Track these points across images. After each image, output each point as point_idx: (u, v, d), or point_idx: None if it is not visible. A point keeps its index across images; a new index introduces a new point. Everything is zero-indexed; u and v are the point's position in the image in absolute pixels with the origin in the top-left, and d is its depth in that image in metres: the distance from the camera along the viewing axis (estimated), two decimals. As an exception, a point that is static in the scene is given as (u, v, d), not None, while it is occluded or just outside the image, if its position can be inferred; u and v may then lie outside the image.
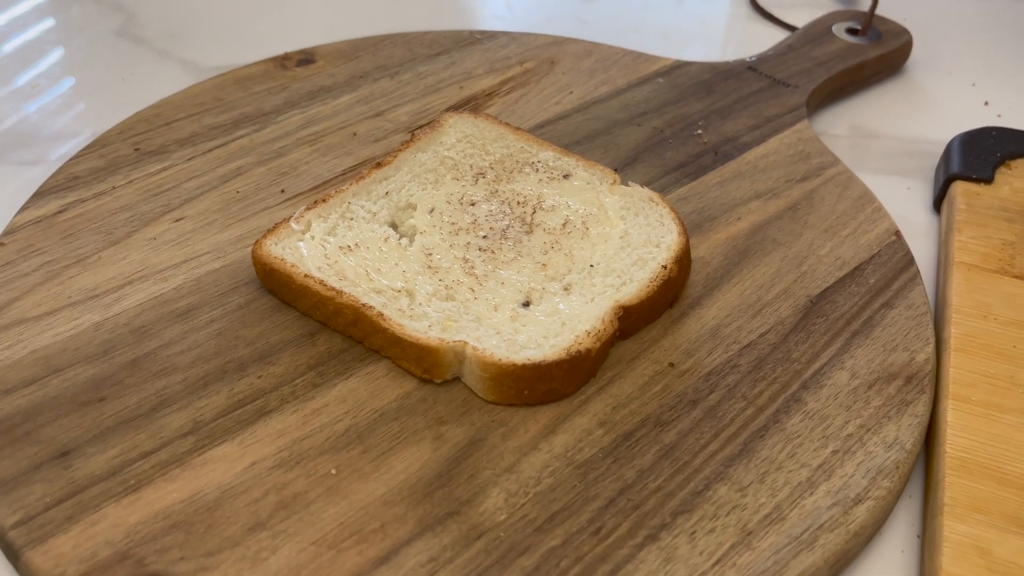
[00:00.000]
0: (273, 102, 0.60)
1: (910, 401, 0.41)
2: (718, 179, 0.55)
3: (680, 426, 0.40)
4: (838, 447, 0.39)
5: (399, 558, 0.35)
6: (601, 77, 0.64)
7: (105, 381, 0.41)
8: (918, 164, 0.60)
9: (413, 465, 0.38)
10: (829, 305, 0.46)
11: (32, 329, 0.43)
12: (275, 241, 0.46)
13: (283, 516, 0.36)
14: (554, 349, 0.41)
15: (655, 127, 0.59)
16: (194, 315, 0.44)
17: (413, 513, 0.36)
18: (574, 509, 0.37)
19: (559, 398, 0.41)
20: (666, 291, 0.45)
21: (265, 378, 0.41)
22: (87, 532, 0.35)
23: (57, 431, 0.39)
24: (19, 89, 0.65)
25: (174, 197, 0.52)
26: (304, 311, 0.44)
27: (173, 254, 0.48)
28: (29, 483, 0.36)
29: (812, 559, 0.35)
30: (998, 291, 0.46)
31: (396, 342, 0.41)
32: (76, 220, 0.50)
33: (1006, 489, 0.37)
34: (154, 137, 0.56)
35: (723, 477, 0.38)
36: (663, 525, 0.36)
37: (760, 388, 0.42)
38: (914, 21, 0.74)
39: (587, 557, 0.35)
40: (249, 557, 0.34)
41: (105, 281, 0.46)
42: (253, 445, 0.38)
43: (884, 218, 0.52)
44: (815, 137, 0.58)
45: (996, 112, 0.66)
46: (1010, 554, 0.35)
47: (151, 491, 0.36)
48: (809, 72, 0.64)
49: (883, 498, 0.37)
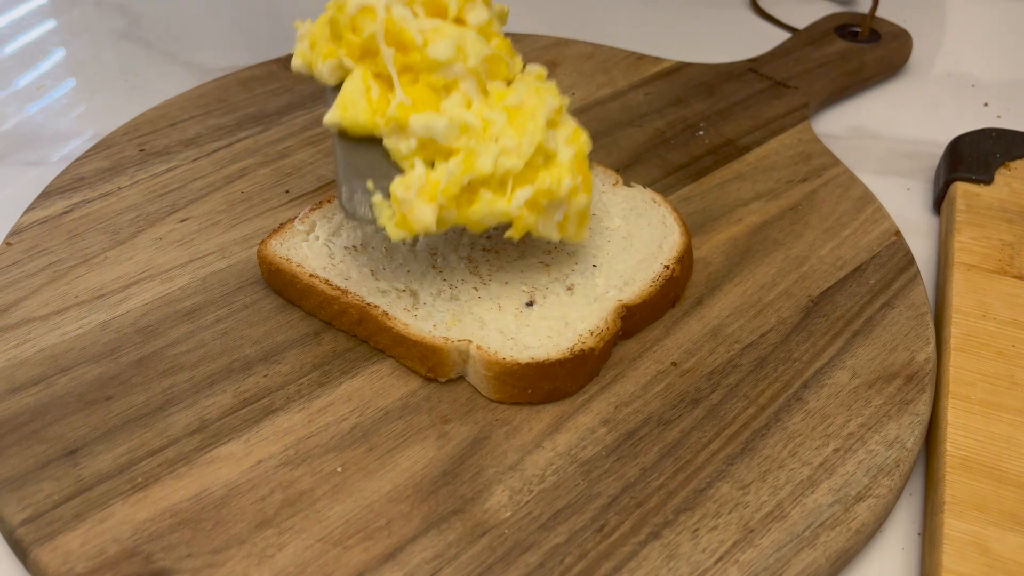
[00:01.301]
0: (277, 103, 0.60)
1: (910, 400, 0.41)
2: (719, 180, 0.55)
3: (682, 425, 0.40)
4: (839, 445, 0.39)
5: (404, 555, 0.35)
6: (603, 78, 0.64)
7: (112, 380, 0.41)
8: (918, 165, 0.60)
9: (418, 463, 0.38)
10: (830, 305, 0.46)
11: (39, 328, 0.43)
12: (280, 241, 0.46)
13: (289, 513, 0.36)
14: (557, 348, 0.41)
15: (657, 128, 0.59)
16: (200, 315, 0.44)
17: (418, 510, 0.37)
18: (578, 507, 0.37)
19: (562, 397, 0.41)
20: (668, 291, 0.45)
21: (271, 377, 0.42)
22: (95, 529, 0.35)
23: (64, 429, 0.39)
24: (22, 90, 0.66)
25: (179, 197, 0.52)
26: (309, 310, 0.45)
27: (179, 254, 0.48)
28: (37, 481, 0.37)
29: (813, 556, 0.35)
30: (998, 291, 0.47)
31: (401, 341, 0.42)
32: (82, 220, 0.50)
33: (1006, 487, 0.37)
34: (159, 138, 0.57)
35: (725, 475, 0.38)
36: (666, 522, 0.36)
37: (762, 387, 0.42)
38: (914, 22, 0.75)
39: (591, 554, 0.35)
40: (256, 554, 0.35)
41: (111, 281, 0.46)
42: (259, 443, 0.39)
43: (884, 219, 0.52)
44: (816, 138, 0.59)
45: (996, 113, 0.66)
46: (1010, 551, 0.35)
47: (158, 489, 0.37)
48: (810, 73, 0.65)
49: (884, 496, 0.37)
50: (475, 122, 0.40)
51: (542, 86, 0.43)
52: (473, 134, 0.40)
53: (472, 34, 0.42)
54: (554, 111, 0.42)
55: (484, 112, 0.41)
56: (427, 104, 0.40)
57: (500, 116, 0.41)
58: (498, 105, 0.41)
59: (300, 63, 0.44)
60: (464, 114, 0.40)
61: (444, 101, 0.41)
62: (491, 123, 0.41)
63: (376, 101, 0.40)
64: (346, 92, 0.41)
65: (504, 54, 0.43)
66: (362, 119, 0.40)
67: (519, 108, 0.42)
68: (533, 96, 0.42)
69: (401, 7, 0.41)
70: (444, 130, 0.39)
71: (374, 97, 0.40)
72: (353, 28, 0.41)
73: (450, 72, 0.41)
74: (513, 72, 0.44)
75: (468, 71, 0.41)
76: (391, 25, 0.40)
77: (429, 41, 0.40)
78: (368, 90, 0.40)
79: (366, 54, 0.41)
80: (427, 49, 0.40)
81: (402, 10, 0.41)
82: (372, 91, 0.40)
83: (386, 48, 0.40)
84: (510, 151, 0.40)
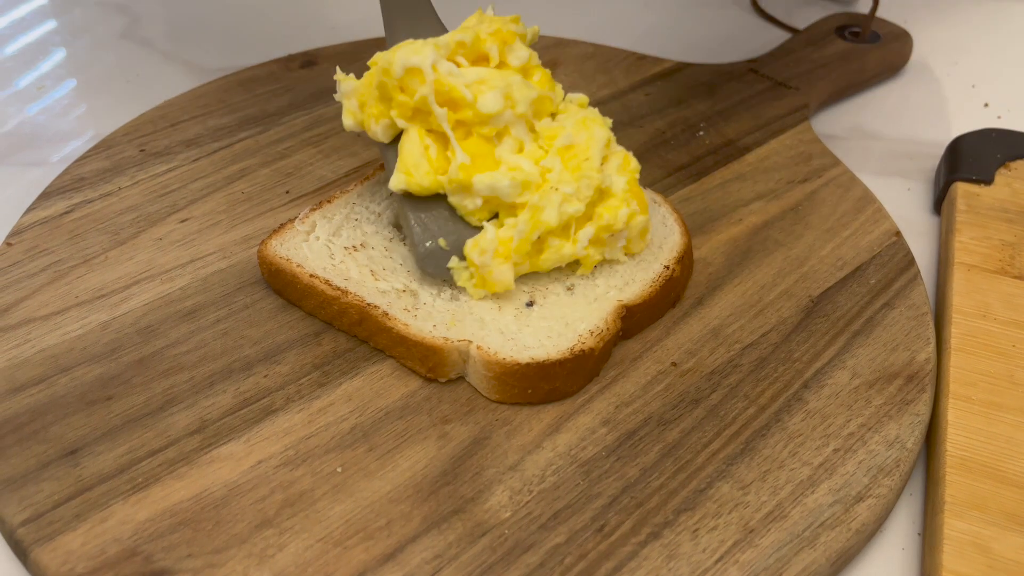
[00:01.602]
0: (277, 103, 0.60)
1: (911, 400, 0.41)
2: (720, 180, 0.55)
3: (683, 425, 0.40)
4: (839, 446, 0.39)
5: (404, 555, 0.35)
6: (603, 79, 0.64)
7: (112, 380, 0.41)
8: (919, 165, 0.60)
9: (418, 463, 0.38)
10: (830, 305, 0.46)
11: (40, 329, 0.43)
12: (280, 241, 0.46)
13: (289, 514, 0.36)
14: (557, 349, 0.41)
15: (657, 128, 0.59)
16: (200, 315, 0.44)
17: (418, 511, 0.37)
18: (578, 507, 0.37)
19: (563, 397, 0.41)
20: (668, 291, 0.45)
21: (271, 377, 0.42)
22: (95, 530, 0.35)
23: (65, 430, 0.39)
24: (22, 91, 0.66)
25: (180, 198, 0.52)
26: (309, 311, 0.45)
27: (179, 254, 0.48)
28: (37, 481, 0.37)
29: (813, 556, 0.35)
30: (998, 291, 0.47)
31: (401, 341, 0.42)
32: (83, 221, 0.50)
33: (1006, 487, 0.37)
34: (159, 138, 0.57)
35: (725, 475, 0.38)
36: (666, 523, 0.36)
37: (762, 387, 0.42)
38: (914, 23, 0.75)
39: (591, 554, 0.35)
40: (256, 554, 0.35)
41: (112, 281, 0.46)
42: (259, 443, 0.39)
43: (885, 219, 0.52)
44: (816, 138, 0.59)
45: (996, 113, 0.66)
46: (1009, 551, 0.35)
47: (159, 489, 0.37)
48: (810, 74, 0.65)
49: (884, 496, 0.37)
50: (534, 175, 0.42)
51: (587, 115, 0.45)
52: (534, 188, 0.42)
53: (517, 79, 0.43)
54: (604, 145, 0.44)
55: (539, 159, 0.42)
56: (482, 155, 0.42)
57: (555, 161, 0.42)
58: (551, 147, 0.43)
59: (352, 123, 0.45)
60: (523, 168, 0.42)
61: (497, 147, 0.42)
62: (548, 171, 0.42)
63: (435, 160, 0.42)
64: (406, 155, 0.42)
65: (546, 90, 0.44)
66: (426, 181, 0.42)
67: (571, 148, 0.43)
68: (582, 131, 0.43)
69: (445, 63, 0.42)
70: (508, 189, 0.41)
71: (432, 156, 0.42)
72: (402, 88, 0.42)
73: (500, 121, 0.42)
74: (556, 104, 0.45)
75: (517, 116, 0.42)
76: (440, 85, 0.42)
77: (478, 95, 0.42)
78: (426, 148, 0.42)
79: (418, 113, 0.43)
80: (477, 104, 0.41)
81: (447, 66, 0.42)
82: (430, 149, 0.42)
83: (438, 108, 0.42)
84: (570, 197, 0.42)
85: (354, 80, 0.45)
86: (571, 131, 0.43)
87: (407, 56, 0.42)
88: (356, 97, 0.45)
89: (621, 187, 0.44)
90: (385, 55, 0.43)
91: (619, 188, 0.44)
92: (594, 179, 0.42)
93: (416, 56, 0.41)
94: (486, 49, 0.44)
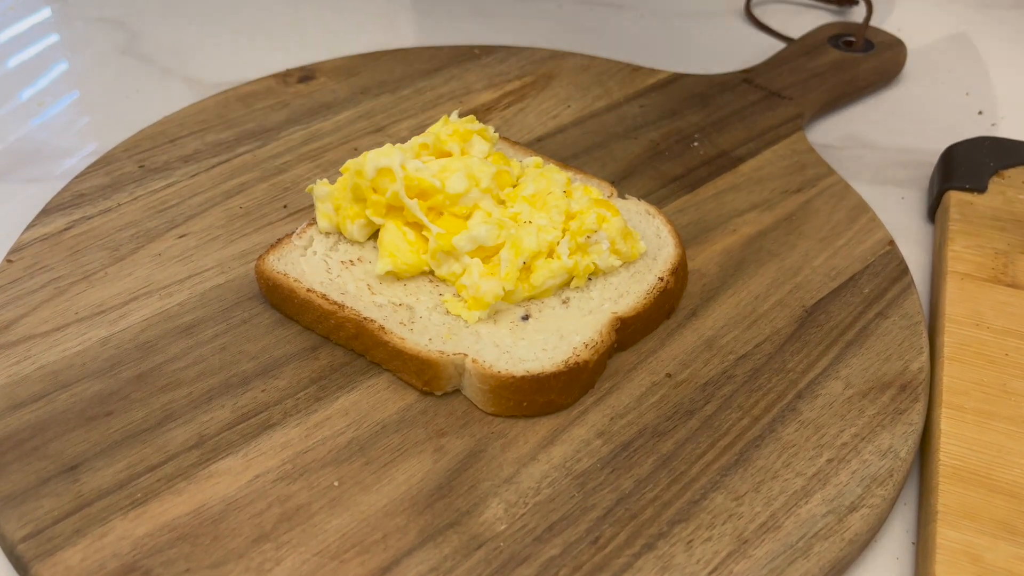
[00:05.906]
0: (275, 118, 0.61)
1: (904, 410, 0.42)
2: (714, 191, 0.55)
3: (677, 436, 0.41)
4: (833, 456, 0.40)
5: (400, 568, 0.35)
6: (598, 90, 0.65)
7: (112, 396, 0.41)
8: (912, 174, 0.61)
9: (414, 476, 0.39)
10: (824, 315, 0.47)
11: (40, 345, 0.44)
12: (278, 256, 0.46)
13: (287, 528, 0.37)
14: (552, 361, 0.41)
15: (651, 140, 0.60)
16: (198, 330, 0.45)
17: (414, 524, 0.37)
18: (572, 519, 0.37)
19: (557, 409, 0.42)
20: (663, 303, 0.45)
21: (268, 392, 0.42)
22: (94, 545, 0.36)
23: (65, 446, 0.39)
24: (23, 105, 0.66)
25: (178, 213, 0.52)
26: (306, 325, 0.45)
27: (178, 270, 0.48)
28: (37, 497, 0.37)
29: (807, 567, 0.36)
30: (991, 300, 0.47)
31: (397, 355, 0.42)
32: (82, 237, 0.50)
33: (998, 496, 0.38)
34: (158, 154, 0.57)
35: (719, 486, 0.39)
36: (660, 534, 0.37)
37: (756, 398, 0.42)
38: (908, 32, 0.75)
39: (586, 566, 0.36)
40: (253, 568, 0.35)
41: (111, 297, 0.47)
42: (257, 458, 0.39)
43: (878, 228, 0.52)
44: (810, 148, 0.59)
45: (990, 122, 0.66)
46: (1001, 560, 0.35)
47: (157, 504, 0.37)
48: (804, 84, 0.65)
49: (877, 506, 0.38)
50: (507, 219, 0.45)
51: (544, 170, 0.49)
52: (510, 227, 0.45)
53: (475, 160, 0.47)
54: (564, 183, 0.48)
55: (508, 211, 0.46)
56: (457, 229, 0.45)
57: (523, 206, 0.46)
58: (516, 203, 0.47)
59: (327, 225, 0.48)
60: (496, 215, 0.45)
61: (470, 222, 0.45)
62: (519, 214, 0.46)
63: (415, 243, 0.45)
64: (387, 243, 0.45)
65: (504, 165, 0.48)
66: (411, 260, 0.45)
67: (535, 194, 0.47)
68: (542, 179, 0.48)
69: (413, 160, 0.46)
70: (486, 233, 0.44)
71: (411, 239, 0.45)
72: (375, 189, 0.46)
73: (469, 200, 0.45)
74: (515, 176, 0.49)
75: (482, 192, 0.46)
76: (409, 180, 0.45)
77: (445, 180, 0.45)
78: (404, 235, 0.45)
79: (391, 209, 0.46)
80: (446, 187, 0.45)
81: (415, 163, 0.46)
82: (408, 235, 0.45)
83: (410, 201, 0.45)
84: (545, 227, 0.45)
85: (328, 185, 0.48)
86: (532, 182, 0.47)
87: (377, 159, 0.45)
88: (331, 201, 0.48)
89: (585, 202, 0.47)
90: (356, 161, 0.46)
91: (584, 204, 0.47)
92: (562, 205, 0.46)
93: (385, 158, 0.45)
94: (448, 148, 0.48)
